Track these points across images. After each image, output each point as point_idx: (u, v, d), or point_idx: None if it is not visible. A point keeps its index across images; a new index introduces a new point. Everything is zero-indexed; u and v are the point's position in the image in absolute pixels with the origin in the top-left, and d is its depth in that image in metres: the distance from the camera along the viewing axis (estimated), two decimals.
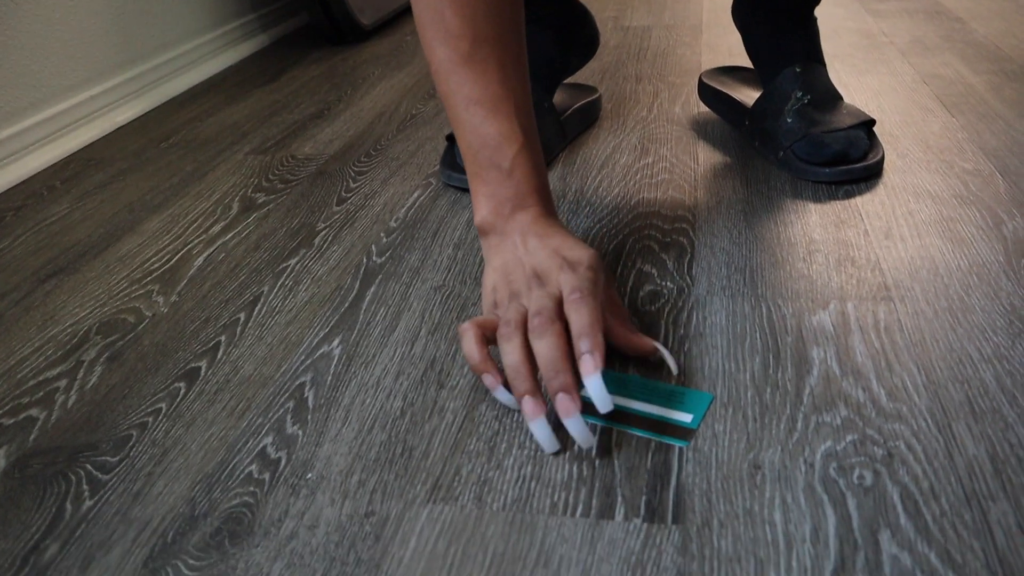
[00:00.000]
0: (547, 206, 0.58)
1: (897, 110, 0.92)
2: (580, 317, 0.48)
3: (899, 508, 0.41)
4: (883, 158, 0.77)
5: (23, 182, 1.05)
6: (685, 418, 0.49)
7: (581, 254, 0.53)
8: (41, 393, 0.59)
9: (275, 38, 1.67)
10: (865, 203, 0.71)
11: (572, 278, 0.50)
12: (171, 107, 1.29)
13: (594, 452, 0.47)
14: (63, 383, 0.60)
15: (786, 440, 0.46)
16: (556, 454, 0.47)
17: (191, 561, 0.43)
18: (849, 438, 0.45)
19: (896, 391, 0.49)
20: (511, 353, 0.48)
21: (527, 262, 0.54)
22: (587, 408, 0.50)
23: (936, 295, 0.58)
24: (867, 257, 0.63)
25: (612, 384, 0.52)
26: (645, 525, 0.41)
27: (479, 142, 0.57)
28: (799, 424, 0.47)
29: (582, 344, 0.47)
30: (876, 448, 0.45)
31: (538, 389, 0.47)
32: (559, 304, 0.50)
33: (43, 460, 0.53)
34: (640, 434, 0.48)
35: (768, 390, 0.50)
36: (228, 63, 1.51)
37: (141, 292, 0.72)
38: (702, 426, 0.48)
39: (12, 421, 0.57)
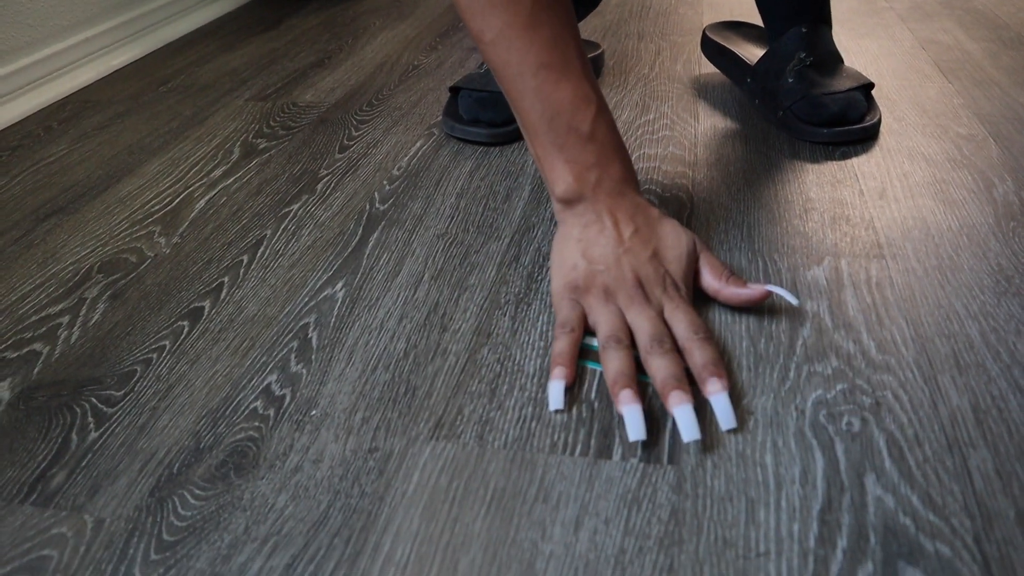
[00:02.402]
0: (631, 171, 0.56)
1: (895, 74, 0.93)
2: (705, 354, 0.47)
3: (884, 453, 0.42)
4: (880, 121, 0.77)
5: (19, 122, 1.04)
6: None
7: (677, 267, 0.53)
8: (44, 328, 0.60)
9: None
10: (861, 164, 0.72)
11: (686, 314, 0.50)
12: (168, 52, 1.28)
13: (594, 396, 0.48)
14: (66, 319, 0.61)
15: (779, 388, 0.47)
16: (521, 404, 0.48)
17: (197, 491, 0.45)
18: (839, 387, 0.47)
19: (885, 344, 0.50)
20: (617, 361, 0.47)
21: (626, 263, 0.52)
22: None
23: (927, 254, 0.59)
24: (861, 216, 0.64)
25: None
26: (642, 465, 0.43)
27: (552, 108, 0.54)
28: (791, 373, 0.48)
29: (708, 372, 0.46)
30: (864, 397, 0.46)
31: (638, 389, 0.46)
32: (663, 320, 0.50)
33: (48, 392, 0.54)
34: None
35: (762, 340, 0.51)
36: (225, 10, 1.49)
37: (143, 233, 0.73)
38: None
39: (16, 355, 0.58)
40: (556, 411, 0.47)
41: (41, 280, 0.67)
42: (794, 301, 0.50)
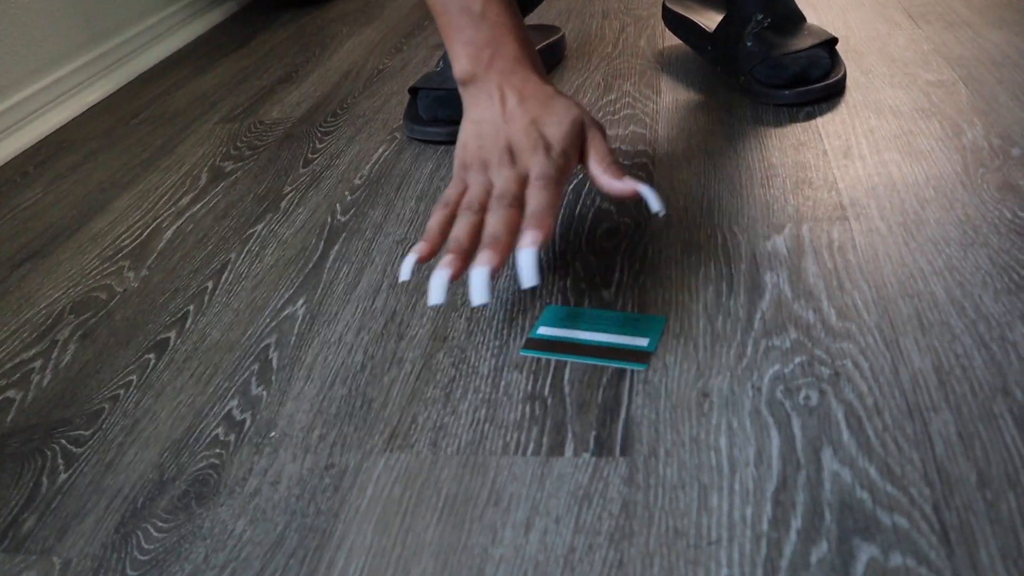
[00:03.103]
0: (526, 48, 0.56)
1: (863, 25, 0.90)
2: (537, 201, 0.48)
3: (842, 425, 0.41)
4: (844, 76, 0.76)
5: None
6: (641, 342, 0.49)
7: (557, 131, 0.52)
8: (17, 375, 0.61)
9: (244, 3, 1.65)
10: (825, 123, 0.71)
11: (542, 162, 0.50)
12: (141, 82, 1.29)
13: (547, 392, 0.47)
14: (38, 363, 0.61)
15: (735, 366, 0.46)
16: (474, 408, 0.47)
17: (159, 523, 0.44)
18: (797, 360, 0.46)
19: (846, 310, 0.49)
20: (460, 226, 0.49)
21: (503, 132, 0.53)
22: (540, 344, 0.51)
23: (891, 211, 0.57)
24: (824, 178, 0.63)
25: (565, 318, 0.52)
26: (593, 459, 0.42)
27: None
28: (749, 350, 0.47)
29: (528, 222, 0.47)
30: (823, 368, 0.45)
31: (466, 256, 0.48)
32: (523, 187, 0.50)
33: (20, 439, 0.54)
34: (597, 363, 0.48)
35: (720, 318, 0.50)
36: (198, 32, 1.49)
37: (112, 269, 0.73)
38: (652, 358, 0.48)
39: None
40: (402, 282, 0.49)
41: (16, 327, 0.67)
42: (656, 207, 0.49)
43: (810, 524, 0.36)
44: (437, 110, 0.81)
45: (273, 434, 0.49)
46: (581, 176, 0.71)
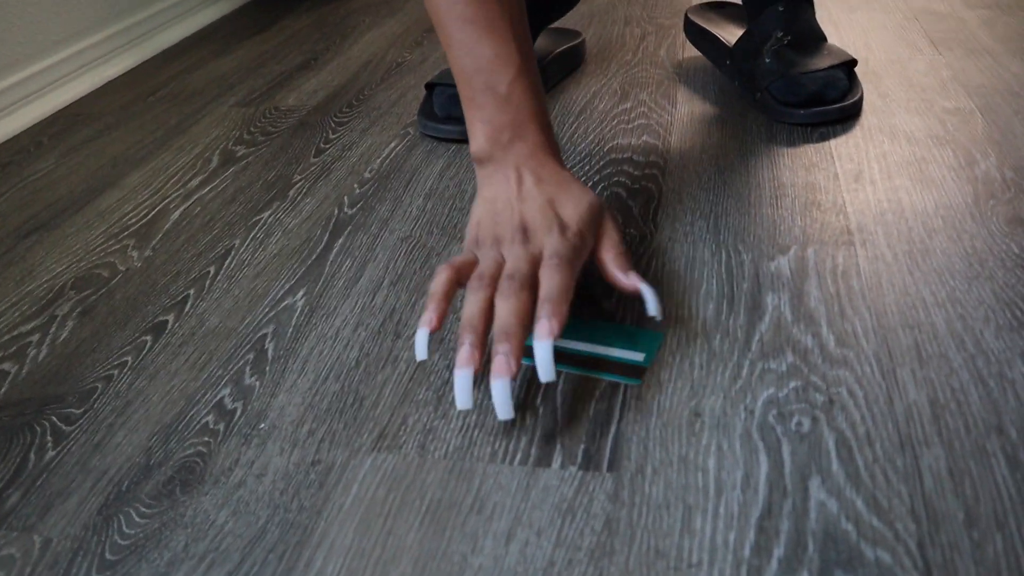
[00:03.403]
0: (547, 135, 0.55)
1: (884, 48, 0.90)
2: (551, 283, 0.46)
3: (832, 454, 0.41)
4: (861, 99, 0.75)
5: (12, 138, 1.05)
6: (637, 357, 0.49)
7: (573, 213, 0.51)
8: (14, 347, 0.61)
9: None
10: (839, 145, 0.70)
11: (557, 241, 0.49)
12: (162, 59, 1.29)
13: (539, 401, 0.47)
14: (35, 337, 0.62)
15: (729, 387, 0.46)
16: (465, 412, 0.47)
17: (142, 508, 0.44)
18: (792, 384, 0.45)
19: (845, 336, 0.48)
20: (472, 305, 0.47)
21: (518, 209, 0.52)
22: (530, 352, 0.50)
23: (898, 238, 0.57)
24: (834, 201, 0.62)
25: (564, 328, 0.52)
26: (580, 473, 0.42)
27: (473, 64, 0.54)
28: (744, 371, 0.47)
29: (543, 309, 0.45)
30: (817, 394, 0.45)
31: (482, 344, 0.46)
32: (536, 266, 0.48)
33: (12, 412, 0.54)
34: (591, 375, 0.48)
35: (718, 337, 0.50)
36: (222, 13, 1.50)
37: (117, 247, 0.73)
38: (647, 374, 0.48)
39: None
40: (463, 410, 0.47)
41: (16, 299, 0.68)
42: (652, 311, 0.48)
43: (792, 553, 0.36)
44: (452, 108, 0.81)
45: (262, 426, 0.49)
46: (591, 183, 0.70)
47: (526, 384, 0.49)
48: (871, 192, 0.63)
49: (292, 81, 1.08)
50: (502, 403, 0.42)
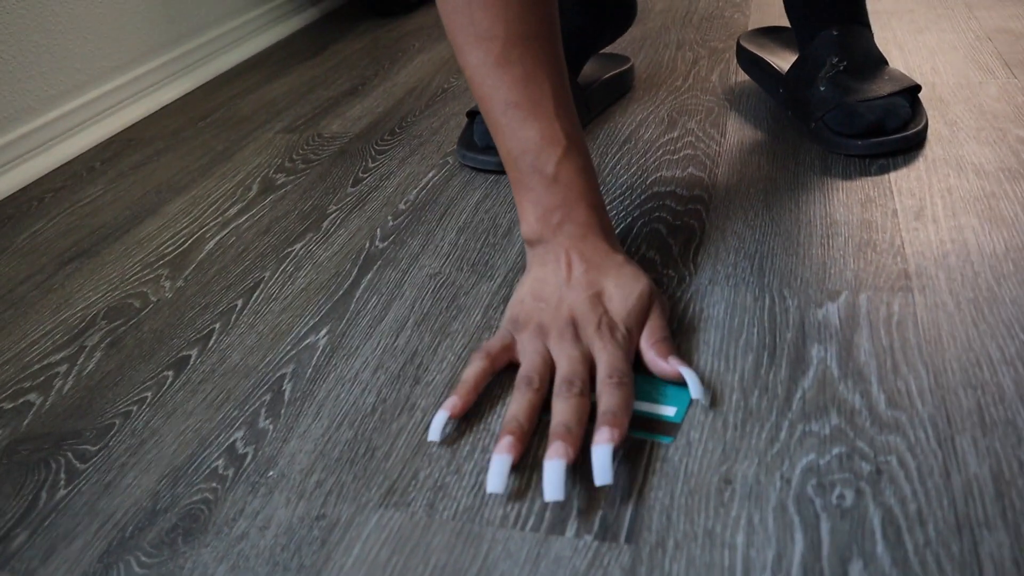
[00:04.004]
0: (598, 216, 0.54)
1: (952, 71, 0.84)
2: (614, 400, 0.44)
3: (878, 535, 0.37)
4: (925, 127, 0.70)
5: (67, 163, 1.07)
6: (668, 412, 0.45)
7: (621, 308, 0.50)
8: (42, 378, 0.60)
9: (325, 11, 1.67)
10: (899, 179, 0.65)
11: (613, 354, 0.47)
12: (216, 84, 1.30)
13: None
14: (63, 368, 0.61)
15: (765, 452, 0.42)
16: (479, 470, 0.44)
17: (143, 558, 0.43)
18: (835, 451, 0.41)
19: (898, 396, 0.44)
20: (520, 402, 0.45)
21: (566, 299, 0.50)
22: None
23: (962, 284, 0.52)
24: (891, 241, 0.57)
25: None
26: (596, 543, 0.39)
27: (519, 147, 0.54)
28: (783, 433, 0.43)
29: (604, 419, 0.42)
30: (864, 463, 0.40)
31: (525, 439, 0.44)
32: (589, 365, 0.47)
33: (31, 446, 0.53)
34: None
35: (756, 393, 0.46)
36: (277, 38, 1.51)
37: (151, 276, 0.72)
38: (677, 431, 0.44)
39: (11, 406, 0.58)
40: (432, 442, 0.46)
41: (51, 327, 0.68)
42: (696, 394, 0.45)
43: None
44: (492, 138, 0.79)
45: (271, 473, 0.47)
46: (630, 219, 0.67)
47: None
48: (933, 231, 0.58)
49: (338, 107, 1.08)
50: (555, 483, 0.40)
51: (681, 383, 0.47)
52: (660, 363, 0.47)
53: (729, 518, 0.39)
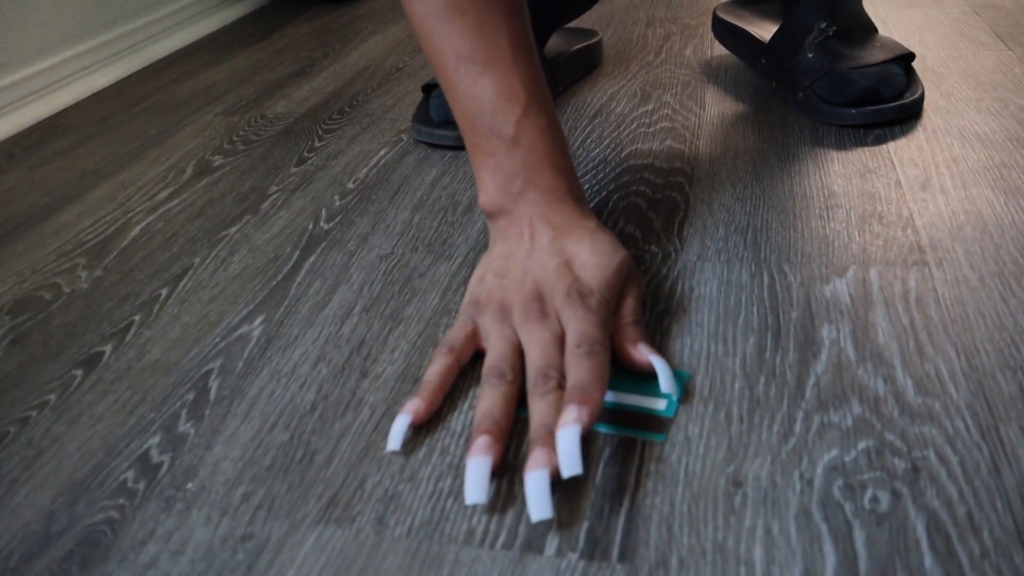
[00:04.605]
0: (566, 180, 0.47)
1: (942, 45, 0.79)
2: (580, 372, 0.37)
3: (924, 545, 0.30)
4: (922, 96, 0.64)
5: None
6: (658, 405, 0.39)
7: (597, 276, 0.43)
8: None
9: None
10: (899, 149, 0.60)
11: (584, 321, 0.40)
12: (153, 70, 1.21)
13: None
14: None
15: (779, 448, 0.35)
16: (438, 476, 0.37)
17: None
18: (862, 445, 0.35)
19: (927, 382, 0.38)
20: (491, 398, 0.39)
21: (530, 271, 0.44)
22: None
23: (983, 258, 0.46)
24: (898, 213, 0.52)
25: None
26: (582, 562, 0.31)
27: (474, 107, 0.47)
28: (798, 426, 0.36)
29: (572, 395, 0.36)
30: (897, 459, 0.34)
31: (504, 439, 0.37)
32: (561, 343, 0.40)
33: None
34: (599, 430, 0.38)
35: (762, 380, 0.39)
36: (221, 24, 1.42)
37: (67, 266, 0.64)
38: (672, 428, 0.38)
39: None
40: (391, 452, 0.38)
41: None
42: (666, 387, 0.38)
43: None
44: (450, 112, 0.72)
45: (190, 486, 0.39)
46: (605, 192, 0.60)
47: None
48: (943, 202, 0.52)
49: (283, 89, 1.00)
50: (540, 500, 0.32)
51: (651, 375, 0.40)
52: (628, 348, 0.41)
53: (743, 528, 0.32)
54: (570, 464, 0.33)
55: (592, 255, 0.44)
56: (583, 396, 0.36)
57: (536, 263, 0.44)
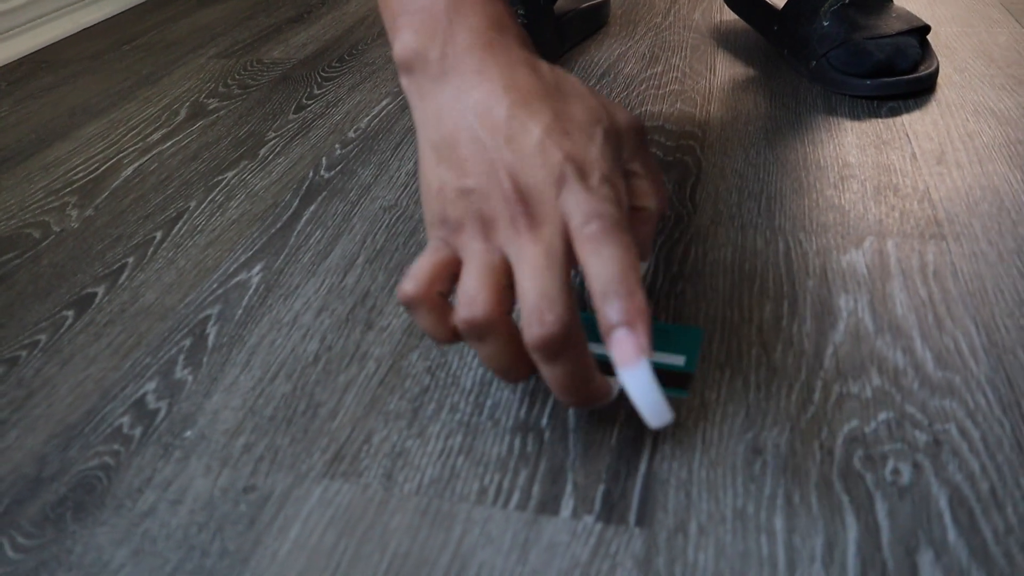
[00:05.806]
0: (507, 13, 0.35)
1: (955, 20, 0.78)
2: (604, 264, 0.28)
3: (947, 519, 0.30)
4: (937, 70, 0.63)
5: None
6: (676, 360, 0.38)
7: (584, 142, 0.31)
8: None
9: None
10: (914, 122, 0.59)
11: (585, 198, 0.30)
12: (146, 8, 1.17)
13: (545, 420, 0.36)
14: None
15: (798, 417, 0.35)
16: (448, 432, 0.36)
17: (20, 539, 0.34)
18: (882, 416, 0.34)
19: (947, 355, 0.37)
20: (496, 358, 0.32)
21: (502, 166, 0.31)
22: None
23: (1001, 233, 0.45)
24: (914, 185, 0.51)
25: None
26: (599, 525, 0.31)
27: None
28: (816, 395, 0.36)
29: (610, 307, 0.28)
30: (918, 432, 0.33)
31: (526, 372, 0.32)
32: (568, 249, 0.30)
33: None
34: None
35: (779, 348, 0.39)
36: None
37: (56, 204, 0.62)
38: (691, 384, 0.37)
39: None
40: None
41: None
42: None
43: None
44: None
45: (188, 434, 0.38)
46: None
47: (528, 397, 0.38)
48: (959, 177, 0.51)
49: (280, 34, 0.97)
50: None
51: (665, 325, 0.39)
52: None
53: (763, 496, 0.31)
54: (656, 412, 0.28)
55: (573, 120, 0.32)
56: (624, 305, 0.28)
57: (510, 147, 0.31)
